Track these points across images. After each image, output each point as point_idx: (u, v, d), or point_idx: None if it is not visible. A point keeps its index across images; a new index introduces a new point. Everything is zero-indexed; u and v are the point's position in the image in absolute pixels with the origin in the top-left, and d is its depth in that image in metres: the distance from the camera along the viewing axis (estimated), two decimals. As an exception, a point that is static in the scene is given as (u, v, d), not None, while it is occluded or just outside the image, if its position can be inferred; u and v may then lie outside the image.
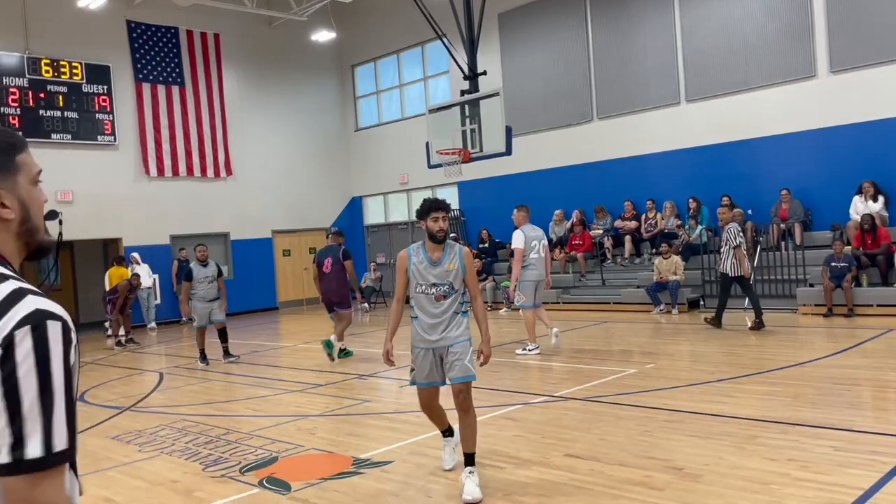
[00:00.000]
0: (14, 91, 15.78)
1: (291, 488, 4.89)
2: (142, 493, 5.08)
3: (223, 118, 19.19)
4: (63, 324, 1.28)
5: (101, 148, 17.11)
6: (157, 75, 18.04)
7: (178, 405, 8.01)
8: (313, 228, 21.18)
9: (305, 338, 13.44)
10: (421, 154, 15.69)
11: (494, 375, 8.39)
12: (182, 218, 18.45)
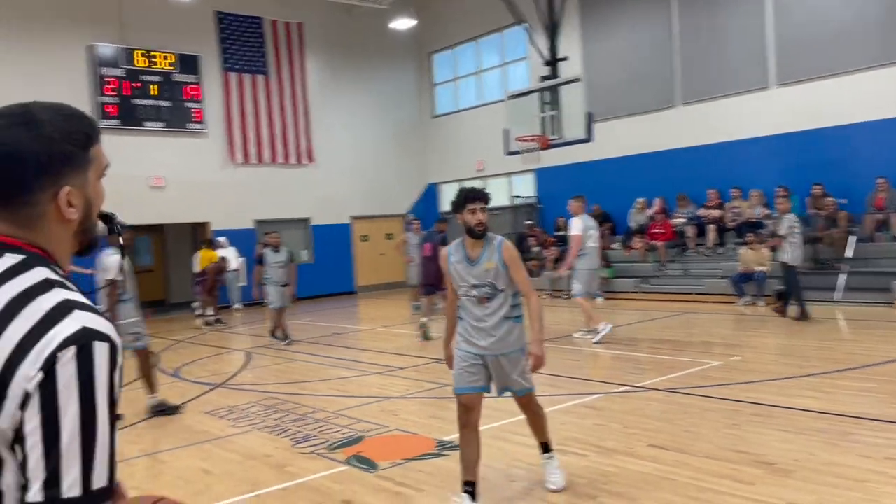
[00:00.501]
0: (111, 81, 16.58)
1: (378, 467, 5.04)
2: (236, 465, 5.33)
3: (305, 106, 19.66)
4: (111, 345, 1.16)
5: (191, 135, 17.82)
6: (243, 65, 18.62)
7: (265, 383, 8.33)
8: (390, 215, 21.49)
9: (384, 322, 13.70)
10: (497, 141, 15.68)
11: (574, 364, 8.37)
12: (266, 203, 19.04)
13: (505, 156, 14.35)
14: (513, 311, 4.13)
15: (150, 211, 17.14)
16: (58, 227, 1.26)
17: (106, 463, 1.11)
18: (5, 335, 1.11)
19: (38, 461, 1.07)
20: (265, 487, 4.80)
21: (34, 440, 1.08)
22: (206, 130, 18.01)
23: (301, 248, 19.85)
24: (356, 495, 4.54)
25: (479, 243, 4.11)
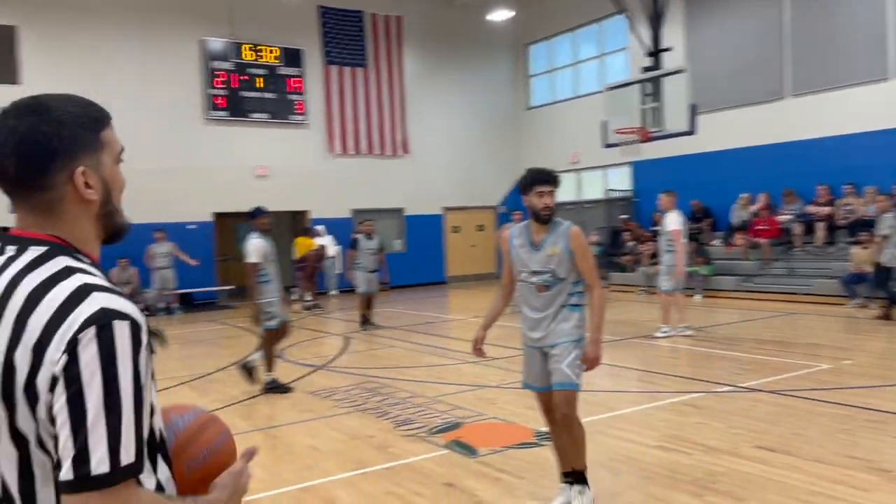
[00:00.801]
0: (221, 74, 17.37)
1: (477, 452, 5.14)
2: (342, 444, 5.56)
3: (402, 98, 19.98)
4: (132, 323, 1.16)
5: (294, 127, 18.45)
6: (343, 58, 19.11)
7: (365, 367, 8.59)
8: (482, 206, 21.59)
9: (475, 312, 13.80)
10: (593, 133, 15.49)
11: (673, 362, 8.23)
12: (362, 193, 19.51)
13: (602, 148, 14.16)
14: (570, 299, 3.91)
15: (254, 199, 17.72)
16: (78, 210, 1.28)
17: (132, 439, 1.12)
18: (29, 325, 1.14)
19: (67, 440, 1.09)
20: (371, 466, 4.99)
21: (62, 420, 1.10)
22: (307, 122, 18.60)
23: (394, 238, 20.25)
24: (458, 479, 4.65)
25: (545, 228, 3.93)
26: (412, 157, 20.27)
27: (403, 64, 20.04)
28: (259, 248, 7.22)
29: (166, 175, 16.56)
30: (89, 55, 15.86)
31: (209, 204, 17.26)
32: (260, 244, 7.26)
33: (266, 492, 4.58)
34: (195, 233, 17.03)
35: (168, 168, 16.61)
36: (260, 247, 7.23)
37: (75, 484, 1.09)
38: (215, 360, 9.66)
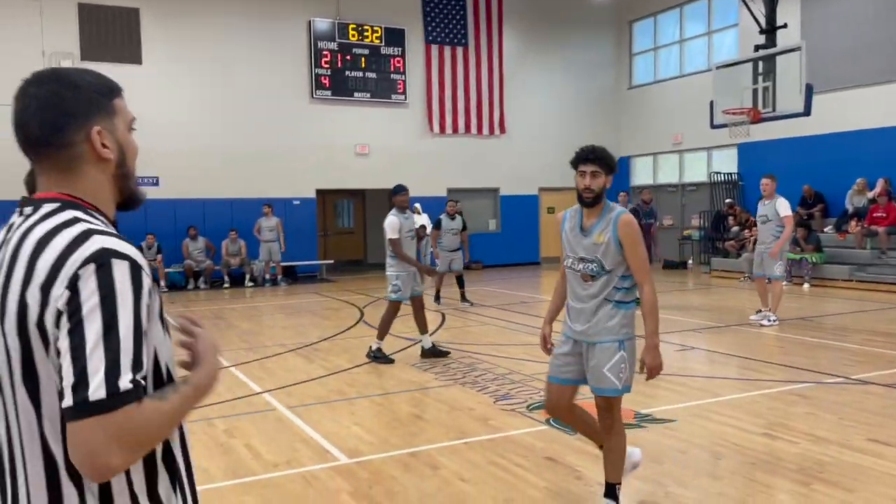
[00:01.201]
0: (326, 54, 17.86)
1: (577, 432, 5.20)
2: (444, 414, 5.75)
3: (500, 77, 19.96)
4: (131, 263, 1.24)
5: (394, 106, 18.78)
6: (444, 37, 19.25)
7: (462, 343, 8.78)
8: (579, 187, 21.35)
9: (571, 293, 13.77)
10: (697, 113, 15.04)
11: (780, 350, 8.00)
12: (458, 173, 19.68)
13: (708, 129, 13.72)
14: (617, 294, 3.55)
15: (355, 176, 18.39)
16: (95, 170, 1.38)
17: (129, 369, 1.16)
18: (38, 266, 1.23)
19: (68, 369, 1.15)
20: (473, 437, 5.15)
21: (63, 350, 1.17)
22: (407, 101, 18.89)
23: (489, 218, 20.37)
24: (558, 454, 4.75)
25: (596, 213, 3.59)
26: (509, 136, 20.26)
27: (503, 43, 19.98)
28: (394, 224, 7.59)
29: (274, 152, 17.26)
30: (204, 37, 16.65)
31: (312, 181, 17.87)
32: (395, 220, 7.61)
33: (375, 454, 4.82)
34: (299, 208, 17.69)
35: (276, 146, 17.29)
36: (395, 223, 7.59)
37: (74, 410, 1.13)
38: (320, 329, 10.10)
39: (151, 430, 1.21)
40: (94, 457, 1.14)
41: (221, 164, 16.73)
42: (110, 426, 1.13)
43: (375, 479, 4.40)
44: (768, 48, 12.15)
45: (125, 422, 1.14)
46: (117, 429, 1.14)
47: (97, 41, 15.69)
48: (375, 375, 7.18)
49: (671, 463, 4.55)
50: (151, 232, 15.34)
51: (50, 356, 1.22)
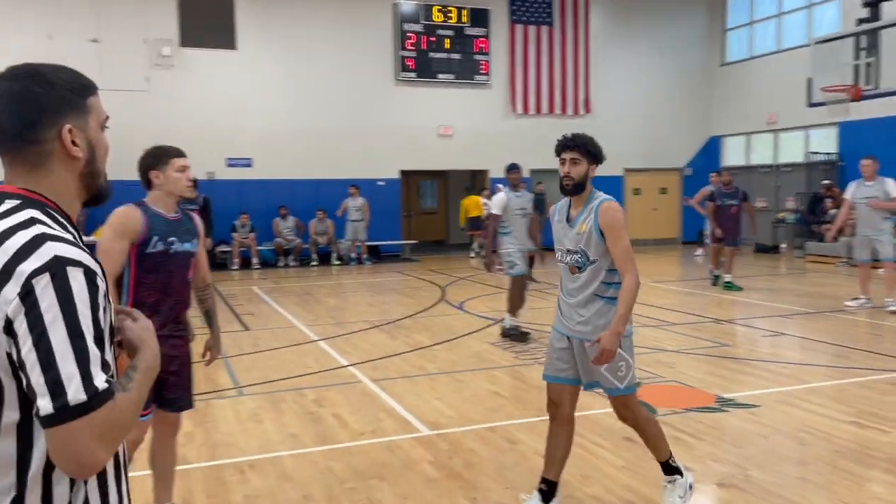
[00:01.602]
0: (411, 36, 18.05)
1: (656, 412, 5.20)
2: (523, 392, 5.86)
3: (586, 56, 19.65)
4: (85, 269, 1.25)
5: (477, 87, 18.81)
6: (529, 16, 19.09)
7: (542, 323, 8.82)
8: (665, 168, 20.85)
9: (655, 277, 13.54)
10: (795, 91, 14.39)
11: (875, 338, 7.69)
12: (541, 153, 19.43)
13: (805, 107, 13.14)
14: (609, 290, 3.43)
15: (438, 158, 18.58)
16: (62, 167, 1.38)
17: (100, 370, 1.21)
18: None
19: (39, 378, 1.18)
20: (550, 415, 5.23)
21: (31, 362, 1.19)
22: (490, 82, 18.88)
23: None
24: (636, 435, 4.77)
25: (581, 202, 3.48)
26: (593, 116, 19.94)
27: (589, 20, 19.64)
28: (501, 201, 7.67)
29: (359, 134, 17.64)
30: (294, 21, 17.12)
31: (397, 162, 18.17)
32: (503, 198, 7.69)
33: (455, 427, 4.98)
34: (384, 189, 18.04)
35: (361, 128, 17.66)
36: (502, 200, 7.67)
37: (57, 416, 1.17)
38: (403, 307, 10.36)
39: (127, 421, 1.27)
40: (81, 455, 1.19)
41: (309, 145, 17.24)
42: (95, 425, 1.19)
43: (455, 450, 4.56)
44: (872, 22, 11.50)
45: (107, 418, 1.20)
46: (101, 425, 1.20)
47: (195, 28, 16.39)
48: (455, 353, 7.34)
49: (752, 447, 4.50)
50: (245, 211, 16.01)
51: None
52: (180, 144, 3.46)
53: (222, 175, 16.62)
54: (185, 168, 3.36)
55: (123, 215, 3.20)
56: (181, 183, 3.34)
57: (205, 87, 16.41)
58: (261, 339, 8.22)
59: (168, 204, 3.34)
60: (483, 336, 8.11)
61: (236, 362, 7.07)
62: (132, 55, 15.86)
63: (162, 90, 16.06)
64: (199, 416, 5.33)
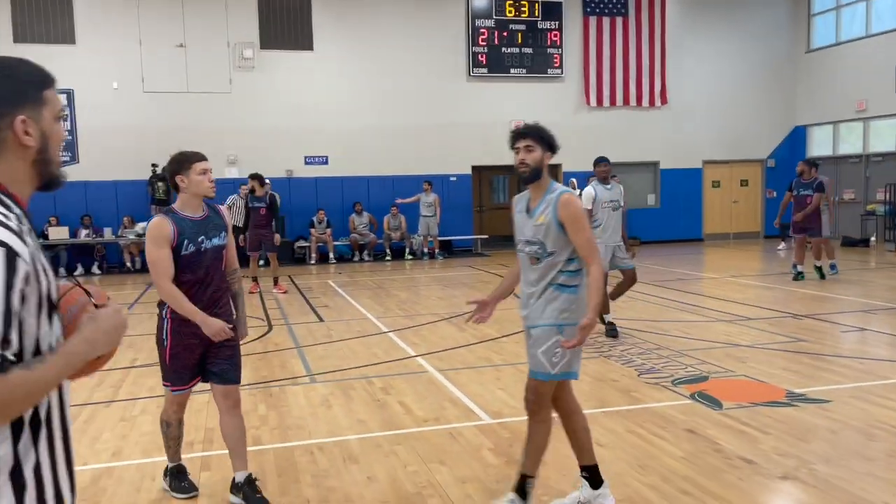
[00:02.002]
0: (483, 31, 18.13)
1: (723, 406, 5.15)
2: (586, 384, 5.87)
3: (662, 46, 19.25)
4: (7, 249, 1.31)
5: (550, 80, 18.73)
6: (602, 8, 18.85)
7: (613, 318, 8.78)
8: (746, 160, 20.21)
9: (732, 272, 13.20)
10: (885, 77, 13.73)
11: (964, 335, 7.32)
12: (616, 146, 19.23)
13: None
14: (560, 277, 3.39)
15: (509, 153, 18.53)
16: (14, 155, 1.45)
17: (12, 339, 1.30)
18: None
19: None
20: (612, 406, 5.26)
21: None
22: (562, 75, 18.76)
23: (648, 192, 19.84)
24: (699, 427, 4.75)
25: (539, 192, 3.47)
26: (670, 107, 19.54)
27: (666, 9, 19.23)
28: (590, 195, 7.50)
29: (432, 130, 17.87)
30: (367, 21, 17.47)
31: (468, 157, 18.31)
32: (591, 191, 7.56)
33: (517, 417, 5.06)
34: (455, 184, 18.23)
35: (433, 124, 17.89)
36: (591, 194, 7.54)
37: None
38: (472, 301, 10.49)
39: (18, 397, 1.31)
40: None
41: (383, 142, 17.59)
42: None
43: (515, 438, 4.65)
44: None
45: None
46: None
47: (274, 30, 16.97)
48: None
49: (819, 441, 4.41)
50: (321, 207, 16.49)
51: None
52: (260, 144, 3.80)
53: (300, 173, 17.16)
54: (206, 171, 3.69)
55: (155, 227, 3.58)
56: (203, 185, 3.67)
57: (283, 87, 16.97)
58: (334, 330, 8.52)
59: (194, 205, 3.71)
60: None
61: (310, 351, 7.36)
62: (216, 59, 16.57)
63: (243, 92, 16.71)
64: (274, 401, 5.62)
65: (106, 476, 4.21)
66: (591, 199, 7.53)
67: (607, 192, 7.60)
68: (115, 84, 16.04)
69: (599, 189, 7.60)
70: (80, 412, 5.44)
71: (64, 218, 15.34)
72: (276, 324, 9.00)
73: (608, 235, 7.54)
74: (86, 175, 15.71)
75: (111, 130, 15.94)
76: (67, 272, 15.29)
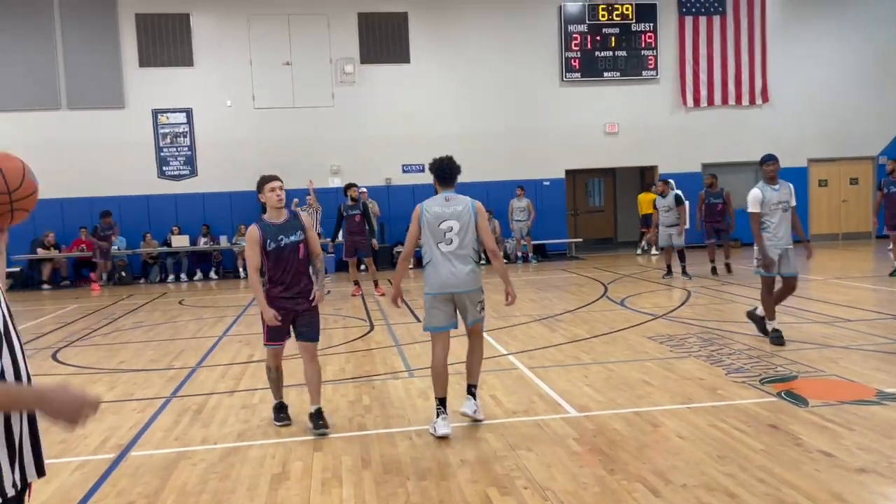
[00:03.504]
0: (576, 37, 18.29)
1: (809, 404, 5.23)
2: (673, 382, 6.06)
3: (763, 42, 18.80)
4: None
5: (644, 82, 18.65)
6: (699, 7, 18.62)
7: (704, 319, 8.84)
8: (855, 157, 19.40)
9: (837, 273, 12.82)
10: None
11: None
12: (714, 146, 18.97)
13: None
14: None
15: (604, 156, 18.65)
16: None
17: None
18: None
19: None
20: (697, 403, 5.44)
21: None
22: (657, 76, 18.64)
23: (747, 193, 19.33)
24: (782, 422, 4.87)
25: None
26: (771, 105, 19.04)
27: (766, 4, 18.76)
28: (756, 197, 7.14)
29: (525, 136, 18.19)
30: (462, 32, 18.00)
31: (562, 161, 18.50)
32: (757, 193, 7.16)
33: (602, 410, 5.35)
34: (549, 189, 18.45)
35: (527, 130, 18.20)
36: (757, 196, 7.14)
37: None
38: (564, 303, 10.74)
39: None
40: None
41: (477, 149, 18.03)
42: None
43: (599, 430, 4.93)
44: None
45: None
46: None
47: (373, 46, 17.77)
48: (612, 345, 7.63)
49: (904, 439, 4.46)
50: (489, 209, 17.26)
51: None
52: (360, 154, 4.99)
53: (398, 181, 17.87)
54: (273, 189, 5.06)
55: (249, 233, 5.09)
56: (272, 199, 5.07)
57: (382, 99, 17.74)
58: (431, 329, 8.99)
59: (273, 213, 5.12)
60: (641, 331, 8.30)
61: (408, 349, 7.85)
62: (319, 75, 17.53)
63: (345, 105, 17.59)
64: (376, 393, 6.13)
65: (233, 454, 4.81)
66: (758, 201, 7.09)
67: (775, 193, 7.14)
68: (228, 102, 17.27)
69: (767, 190, 7.14)
70: (208, 400, 6.14)
71: (185, 227, 16.65)
72: (377, 324, 9.58)
73: (779, 239, 7.13)
74: (203, 187, 16.98)
75: (225, 145, 17.16)
76: (188, 277, 16.58)
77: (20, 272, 16.39)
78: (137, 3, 16.97)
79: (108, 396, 6.43)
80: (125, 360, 8.09)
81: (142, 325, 10.58)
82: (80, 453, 4.93)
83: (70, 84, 16.84)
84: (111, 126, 16.91)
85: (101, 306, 12.80)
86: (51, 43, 16.72)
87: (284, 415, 5.36)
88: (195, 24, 17.16)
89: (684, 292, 11.24)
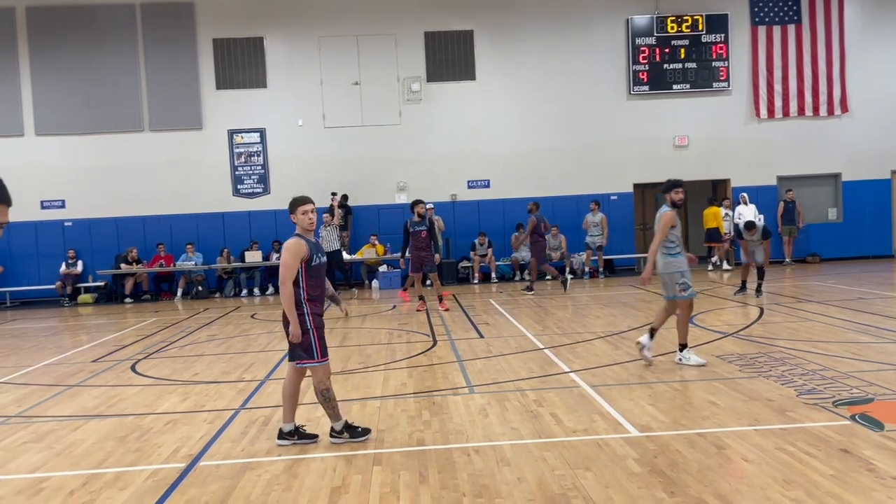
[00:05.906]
0: (644, 49, 18.07)
1: (884, 427, 5.00)
2: (740, 403, 5.88)
3: (841, 52, 18.13)
4: None
5: (715, 94, 18.25)
6: (773, 16, 18.13)
7: (776, 338, 8.55)
8: (946, 167, 18.43)
9: (924, 290, 12.18)
10: None
11: None
12: (789, 158, 18.38)
13: None
14: None
15: (674, 169, 18.20)
16: None
17: None
18: None
19: None
20: (765, 425, 5.26)
21: None
22: (729, 88, 18.20)
23: (828, 206, 18.65)
24: (855, 447, 4.67)
25: None
26: (851, 115, 18.32)
27: (844, 11, 18.10)
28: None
29: (592, 150, 18.05)
30: (527, 47, 18.05)
31: (630, 175, 18.25)
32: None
33: (664, 431, 5.24)
34: (616, 203, 18.22)
35: (594, 144, 18.06)
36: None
37: None
38: (630, 319, 10.57)
39: None
40: None
41: (543, 164, 18.01)
42: None
43: (661, 451, 4.84)
44: None
45: None
46: None
47: (439, 64, 18.01)
48: (678, 365, 7.46)
49: None
50: (483, 229, 17.17)
51: None
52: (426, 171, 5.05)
53: (463, 196, 17.99)
54: (306, 212, 5.21)
55: (297, 245, 5.09)
56: (304, 222, 5.21)
57: (448, 116, 17.93)
58: (493, 345, 9.00)
59: (307, 233, 5.23)
60: (710, 349, 8.09)
61: (469, 365, 7.89)
62: (387, 93, 17.87)
63: (412, 122, 17.86)
64: (437, 408, 6.18)
65: (296, 466, 4.94)
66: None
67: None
68: (300, 121, 17.79)
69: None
70: (275, 413, 6.31)
71: (261, 244, 17.19)
72: (440, 339, 9.66)
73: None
74: (276, 204, 17.51)
75: (296, 163, 17.67)
76: (261, 291, 17.08)
77: (105, 286, 17.24)
78: (215, 29, 17.73)
79: (180, 407, 6.70)
80: (199, 371, 8.40)
81: (215, 338, 10.97)
82: (152, 462, 5.16)
83: (152, 107, 17.70)
84: (189, 146, 17.67)
85: (178, 320, 13.34)
86: (135, 68, 17.63)
87: (362, 429, 5.42)
88: (268, 47, 17.78)
89: (757, 310, 10.89)
